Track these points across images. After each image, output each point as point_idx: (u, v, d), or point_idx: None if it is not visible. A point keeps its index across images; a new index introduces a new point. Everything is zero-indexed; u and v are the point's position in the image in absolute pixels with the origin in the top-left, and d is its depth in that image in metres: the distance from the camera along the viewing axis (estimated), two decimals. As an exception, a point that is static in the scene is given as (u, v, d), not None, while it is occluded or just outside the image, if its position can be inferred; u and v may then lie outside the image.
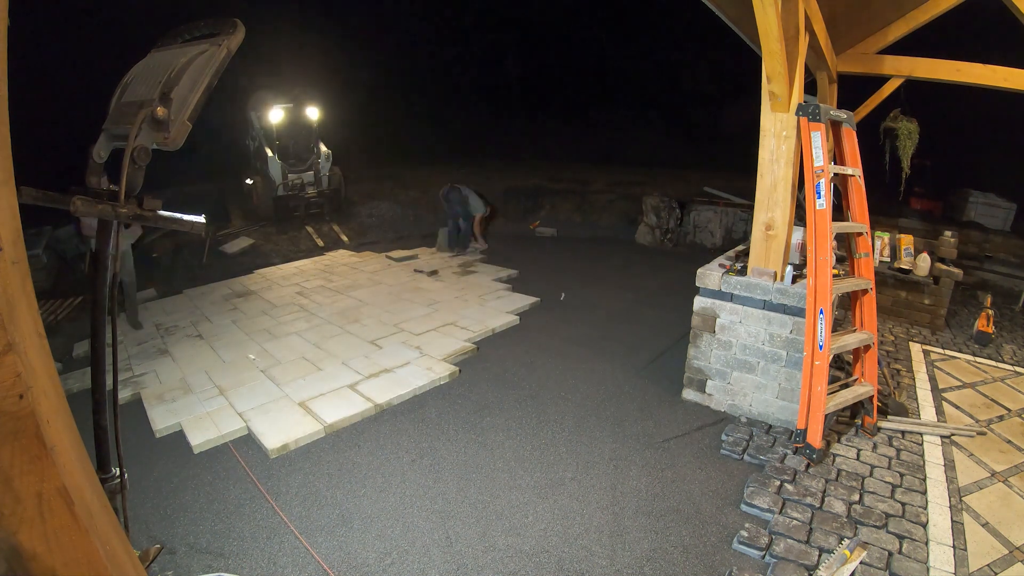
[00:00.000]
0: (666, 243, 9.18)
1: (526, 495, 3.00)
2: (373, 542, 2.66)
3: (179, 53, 1.29)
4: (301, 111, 9.68)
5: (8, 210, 0.81)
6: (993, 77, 4.57)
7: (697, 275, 3.82)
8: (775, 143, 3.41)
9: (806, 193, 3.21)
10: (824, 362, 3.10)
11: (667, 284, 6.89)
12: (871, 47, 5.16)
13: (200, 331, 5.36)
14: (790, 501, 2.90)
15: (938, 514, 2.83)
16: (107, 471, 1.39)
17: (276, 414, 3.76)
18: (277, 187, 9.12)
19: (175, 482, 3.12)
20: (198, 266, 7.60)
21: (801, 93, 3.36)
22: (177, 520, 2.80)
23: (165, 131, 1.20)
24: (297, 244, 8.84)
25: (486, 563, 2.53)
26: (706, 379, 3.92)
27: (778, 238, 3.52)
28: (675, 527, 2.76)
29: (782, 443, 3.43)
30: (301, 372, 4.41)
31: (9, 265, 0.79)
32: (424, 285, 6.74)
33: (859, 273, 3.59)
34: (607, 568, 2.50)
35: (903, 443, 3.47)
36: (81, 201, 1.12)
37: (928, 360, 4.79)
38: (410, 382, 4.20)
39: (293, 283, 6.94)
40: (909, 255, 5.58)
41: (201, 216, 1.34)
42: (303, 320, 5.59)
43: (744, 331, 3.69)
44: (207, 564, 2.51)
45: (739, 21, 3.69)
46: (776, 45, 2.96)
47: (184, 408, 3.86)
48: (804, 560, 2.49)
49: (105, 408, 1.38)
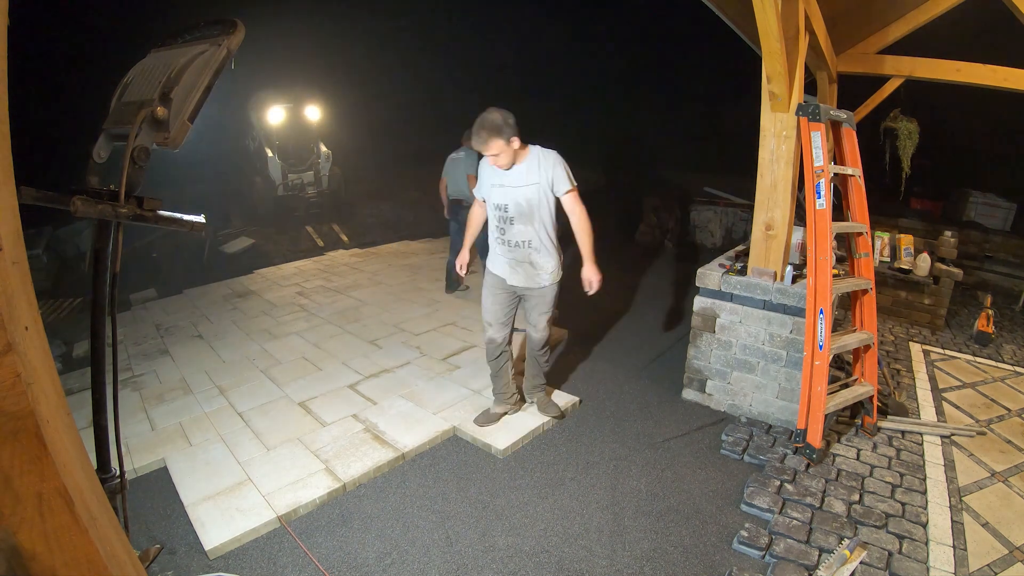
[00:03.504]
0: (666, 243, 9.19)
1: (526, 495, 3.00)
2: (373, 542, 2.66)
3: (179, 53, 1.29)
4: (301, 111, 9.68)
5: (8, 210, 0.81)
6: (993, 77, 4.57)
7: (697, 275, 3.82)
8: (775, 143, 3.41)
9: (806, 193, 3.21)
10: (824, 362, 3.10)
11: (667, 284, 6.89)
12: (871, 47, 5.16)
13: (200, 331, 5.36)
14: (790, 501, 2.90)
15: (938, 514, 2.83)
16: (107, 471, 1.39)
17: (276, 414, 3.76)
18: (277, 187, 9.12)
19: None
20: (198, 266, 7.60)
21: (801, 93, 3.36)
22: (177, 520, 2.80)
23: (165, 131, 1.20)
24: (297, 244, 8.84)
25: (486, 563, 2.53)
26: (706, 379, 3.92)
27: (778, 238, 3.53)
28: (675, 527, 2.76)
29: (782, 443, 3.43)
30: (301, 372, 4.41)
31: (9, 265, 0.79)
32: (424, 285, 6.74)
33: (859, 273, 3.59)
34: (607, 568, 2.51)
35: (903, 443, 3.47)
36: (81, 201, 1.12)
37: (928, 360, 4.79)
38: (410, 382, 4.21)
39: (293, 283, 6.94)
40: (909, 255, 5.59)
41: (201, 216, 1.34)
42: (303, 320, 5.59)
43: (744, 331, 3.69)
44: (207, 564, 2.51)
45: (739, 21, 3.69)
46: (776, 45, 2.96)
47: (184, 408, 3.86)
48: (804, 560, 2.49)
49: (105, 408, 1.38)
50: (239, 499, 2.90)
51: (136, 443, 3.42)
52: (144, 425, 3.66)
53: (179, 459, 3.27)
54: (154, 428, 3.62)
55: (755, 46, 3.49)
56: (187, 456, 3.30)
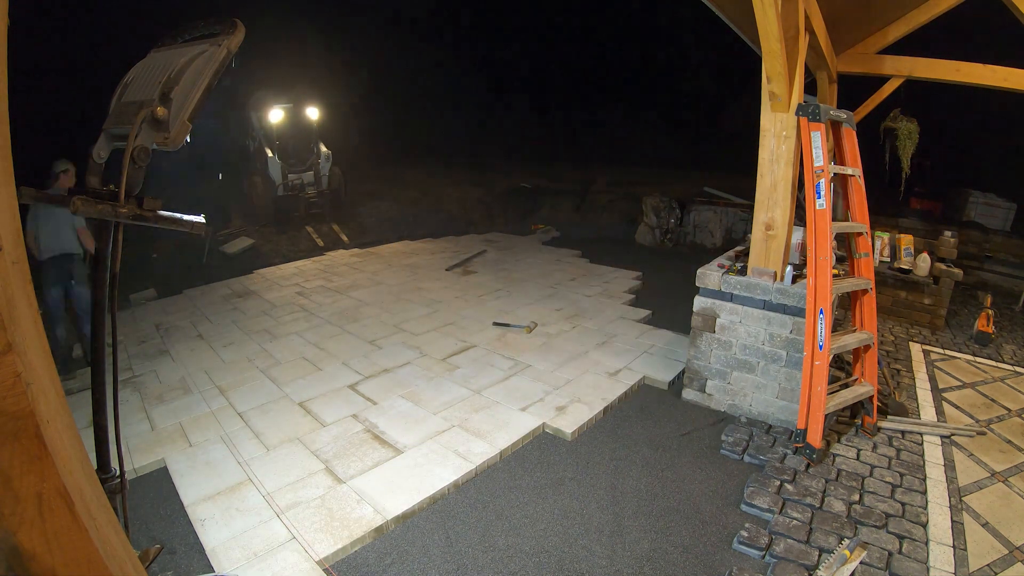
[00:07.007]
0: (666, 243, 9.19)
1: (526, 495, 3.00)
2: (373, 542, 2.66)
3: (179, 53, 1.29)
4: (301, 111, 9.68)
5: (8, 210, 0.81)
6: (993, 77, 4.57)
7: (697, 275, 3.82)
8: (775, 143, 3.41)
9: (806, 193, 3.21)
10: (824, 362, 3.10)
11: (667, 284, 6.89)
12: (871, 47, 5.16)
13: (200, 331, 5.36)
14: (790, 501, 2.89)
15: (938, 514, 2.83)
16: (107, 471, 1.39)
17: (276, 414, 3.76)
18: (277, 187, 9.12)
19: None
20: (198, 266, 7.60)
21: (801, 93, 3.36)
22: (177, 520, 2.80)
23: (165, 131, 1.20)
24: (297, 244, 8.84)
25: (486, 563, 2.53)
26: (706, 379, 3.92)
27: (778, 238, 3.52)
28: (675, 527, 2.76)
29: (782, 443, 3.43)
30: (301, 372, 4.41)
31: (9, 265, 0.79)
32: (424, 285, 6.74)
33: (859, 273, 3.59)
34: (607, 568, 2.50)
35: (903, 443, 3.47)
36: (81, 201, 1.12)
37: (928, 360, 4.79)
38: (410, 382, 4.21)
39: (293, 283, 6.94)
40: (909, 255, 5.59)
41: (201, 216, 1.34)
42: (303, 320, 5.59)
43: (744, 331, 3.69)
44: (207, 564, 2.51)
45: (739, 21, 3.70)
46: (776, 45, 2.96)
47: (184, 408, 3.86)
48: (804, 560, 2.49)
49: (105, 408, 1.38)
50: (239, 499, 2.90)
51: (136, 443, 3.42)
52: (144, 425, 3.66)
53: (179, 459, 3.27)
54: (154, 428, 3.62)
55: (755, 46, 3.50)
56: (187, 456, 3.30)
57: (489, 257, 8.26)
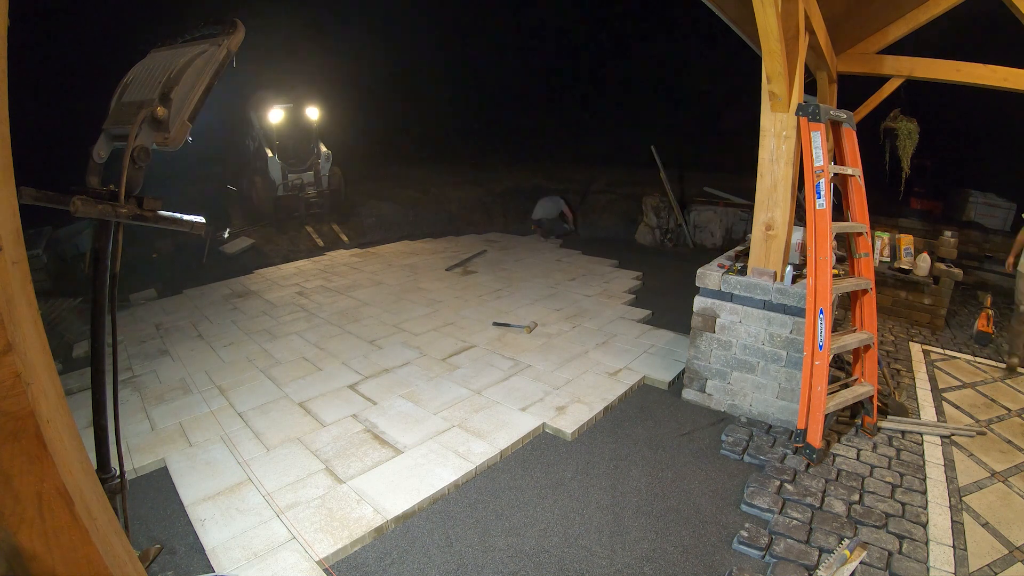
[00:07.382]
0: (666, 243, 9.19)
1: (526, 495, 3.00)
2: (373, 542, 2.66)
3: (179, 53, 1.29)
4: (301, 111, 9.67)
5: (8, 210, 0.81)
6: (993, 77, 4.57)
7: (697, 275, 3.82)
8: (775, 143, 3.41)
9: (806, 193, 3.21)
10: (824, 362, 3.10)
11: (667, 284, 6.89)
12: (871, 47, 5.16)
13: (200, 331, 5.36)
14: (790, 501, 2.90)
15: (938, 514, 2.83)
16: (107, 471, 1.40)
17: (276, 414, 3.76)
18: (277, 187, 9.12)
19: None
20: (198, 266, 7.60)
21: (801, 93, 3.37)
22: (177, 520, 2.80)
23: (165, 131, 1.20)
24: (297, 244, 8.83)
25: (486, 563, 2.53)
26: (706, 379, 3.92)
27: (778, 238, 3.53)
28: (675, 527, 2.76)
29: (782, 443, 3.43)
30: (301, 372, 4.41)
31: (9, 265, 0.79)
32: (424, 285, 6.74)
33: (859, 273, 3.59)
34: (607, 568, 2.51)
35: (903, 443, 3.47)
36: (81, 201, 1.12)
37: (928, 360, 4.79)
38: (410, 382, 4.21)
39: (293, 283, 6.94)
40: (909, 255, 5.59)
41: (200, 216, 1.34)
42: (303, 320, 5.59)
43: (744, 331, 3.69)
44: (207, 564, 2.51)
45: (739, 21, 3.69)
46: (776, 45, 2.96)
47: (184, 408, 3.86)
48: (804, 560, 2.49)
49: (105, 408, 1.38)
50: (239, 499, 2.90)
51: (136, 443, 3.42)
52: (144, 425, 3.66)
53: (179, 459, 3.27)
54: (154, 428, 3.62)
55: (755, 46, 3.50)
56: (187, 456, 3.30)
57: (489, 257, 8.26)
